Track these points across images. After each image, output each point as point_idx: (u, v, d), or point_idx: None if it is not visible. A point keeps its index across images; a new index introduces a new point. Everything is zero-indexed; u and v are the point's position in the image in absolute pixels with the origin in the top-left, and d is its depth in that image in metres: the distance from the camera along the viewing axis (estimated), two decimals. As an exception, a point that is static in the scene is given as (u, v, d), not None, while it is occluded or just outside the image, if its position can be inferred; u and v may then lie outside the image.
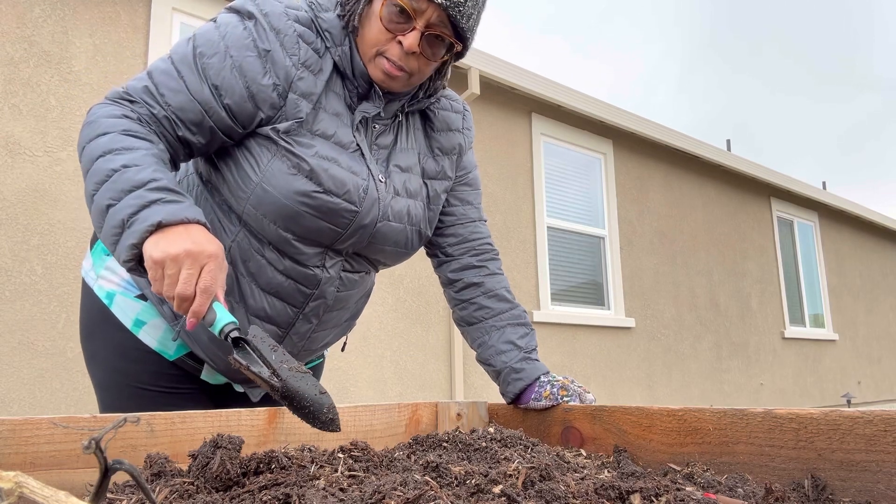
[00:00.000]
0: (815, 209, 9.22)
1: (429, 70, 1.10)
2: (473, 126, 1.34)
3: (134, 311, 1.13)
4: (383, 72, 1.06)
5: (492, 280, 1.28)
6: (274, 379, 0.77)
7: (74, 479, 0.72)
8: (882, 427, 0.69)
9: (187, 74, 1.02)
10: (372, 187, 1.10)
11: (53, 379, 3.14)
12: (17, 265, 3.13)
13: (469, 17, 1.06)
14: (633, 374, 6.08)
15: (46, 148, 3.26)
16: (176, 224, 0.88)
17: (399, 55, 1.05)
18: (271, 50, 1.03)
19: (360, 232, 1.10)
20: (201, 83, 1.02)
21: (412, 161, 1.20)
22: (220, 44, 1.03)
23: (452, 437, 0.96)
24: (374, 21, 1.05)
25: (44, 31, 3.35)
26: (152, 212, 0.87)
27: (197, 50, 1.03)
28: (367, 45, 1.06)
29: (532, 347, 1.22)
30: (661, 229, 6.77)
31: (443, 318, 4.75)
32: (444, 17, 1.04)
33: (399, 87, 1.10)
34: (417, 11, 1.02)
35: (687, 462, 0.86)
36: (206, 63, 1.02)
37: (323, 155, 1.05)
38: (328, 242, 1.09)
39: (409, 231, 1.18)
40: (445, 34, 1.05)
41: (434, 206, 1.24)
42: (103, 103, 1.01)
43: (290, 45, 1.04)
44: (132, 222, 0.87)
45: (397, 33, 1.04)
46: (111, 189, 0.90)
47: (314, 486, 0.64)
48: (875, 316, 10.09)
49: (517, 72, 5.37)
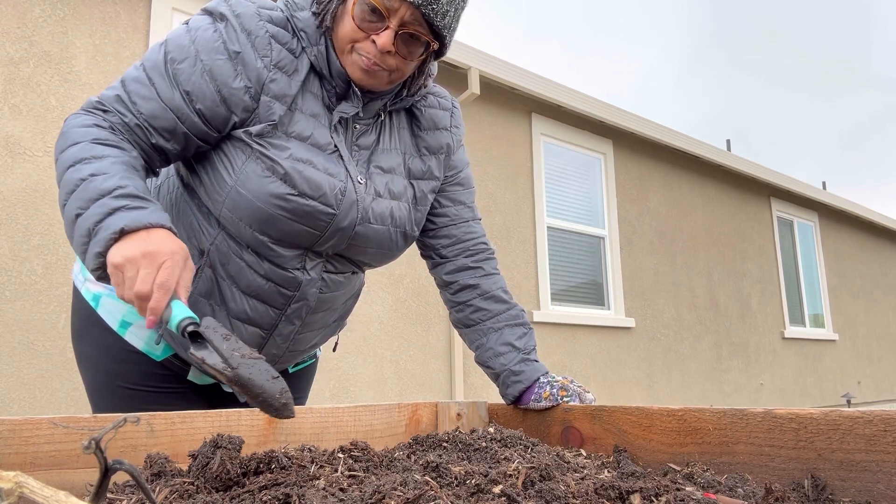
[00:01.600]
0: (815, 209, 9.22)
1: (408, 69, 1.09)
2: (463, 123, 1.32)
3: (120, 313, 1.13)
4: (360, 68, 1.05)
5: (488, 281, 1.27)
6: (226, 368, 0.75)
7: (74, 479, 0.72)
8: (882, 427, 0.69)
9: (158, 81, 1.01)
10: (350, 189, 1.09)
11: (53, 379, 3.14)
12: (17, 265, 3.13)
13: (445, 14, 1.04)
14: (633, 374, 6.07)
15: (46, 148, 3.26)
16: (139, 230, 0.87)
17: (374, 53, 1.03)
18: (241, 52, 1.02)
19: (339, 234, 1.09)
20: (172, 89, 1.01)
21: (395, 161, 1.18)
22: (190, 48, 1.02)
23: (452, 437, 0.96)
24: (347, 19, 1.04)
25: (44, 31, 3.35)
26: (116, 219, 0.87)
27: (168, 56, 1.02)
28: (341, 41, 1.05)
29: (531, 348, 1.22)
30: (661, 229, 6.77)
31: (443, 318, 4.75)
32: (418, 15, 1.02)
33: (379, 85, 1.08)
34: (390, 10, 1.01)
35: (687, 462, 0.86)
36: (176, 69, 1.01)
37: (298, 157, 1.04)
38: (307, 245, 1.09)
39: (392, 233, 1.17)
40: (420, 32, 1.04)
41: (421, 207, 1.22)
42: (77, 113, 1.01)
43: (262, 47, 1.03)
44: (97, 230, 0.87)
45: (370, 32, 1.03)
46: (79, 198, 0.89)
47: (314, 486, 0.64)
48: (875, 316, 10.09)
49: (517, 72, 5.37)
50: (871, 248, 10.42)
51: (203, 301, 1.10)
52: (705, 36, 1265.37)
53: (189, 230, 1.11)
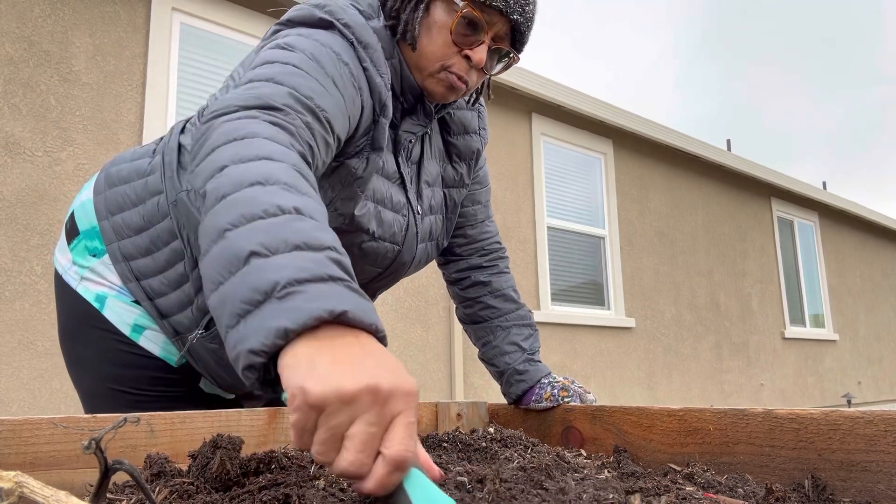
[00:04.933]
0: (816, 209, 9.21)
1: (480, 81, 1.03)
2: (488, 125, 1.27)
3: (131, 316, 1.04)
4: (447, 86, 0.97)
5: (499, 279, 1.26)
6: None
7: (74, 479, 0.72)
8: (882, 427, 0.69)
9: (322, 78, 0.83)
10: (412, 221, 1.04)
11: (53, 379, 3.14)
12: (17, 265, 3.13)
13: (531, 29, 1.00)
14: (633, 374, 6.07)
15: (46, 148, 3.26)
16: (352, 327, 0.52)
17: (464, 69, 0.96)
18: (368, 68, 0.91)
19: (400, 269, 1.05)
20: (335, 89, 0.84)
21: (435, 171, 1.13)
22: (329, 53, 0.86)
23: (452, 437, 0.96)
24: (437, 32, 0.95)
25: (44, 30, 3.35)
26: (335, 293, 0.52)
27: (315, 55, 0.85)
28: (429, 59, 0.96)
29: (535, 349, 1.22)
30: (661, 229, 6.77)
31: (443, 318, 4.75)
32: (510, 29, 0.98)
33: (453, 99, 1.02)
34: (489, 24, 0.95)
35: (687, 462, 0.86)
36: (328, 70, 0.84)
37: (378, 197, 0.96)
38: (364, 281, 1.04)
39: (429, 247, 1.13)
40: (507, 47, 0.99)
41: (451, 216, 1.18)
42: (252, 117, 0.71)
43: (380, 63, 0.92)
44: (292, 293, 0.51)
45: (465, 47, 0.95)
46: (267, 232, 0.55)
47: (314, 487, 0.64)
48: (875, 316, 10.09)
49: (517, 72, 5.37)
50: (872, 248, 10.42)
51: None
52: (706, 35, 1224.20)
53: None
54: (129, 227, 1.05)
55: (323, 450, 0.47)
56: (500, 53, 1.00)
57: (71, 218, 1.11)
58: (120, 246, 1.04)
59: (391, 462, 0.47)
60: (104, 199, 1.08)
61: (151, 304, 1.03)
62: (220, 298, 0.54)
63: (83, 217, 1.09)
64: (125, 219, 1.05)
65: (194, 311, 1.02)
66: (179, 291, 1.02)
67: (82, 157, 3.35)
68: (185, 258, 1.01)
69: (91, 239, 1.07)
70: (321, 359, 0.48)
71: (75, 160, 3.33)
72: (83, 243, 1.08)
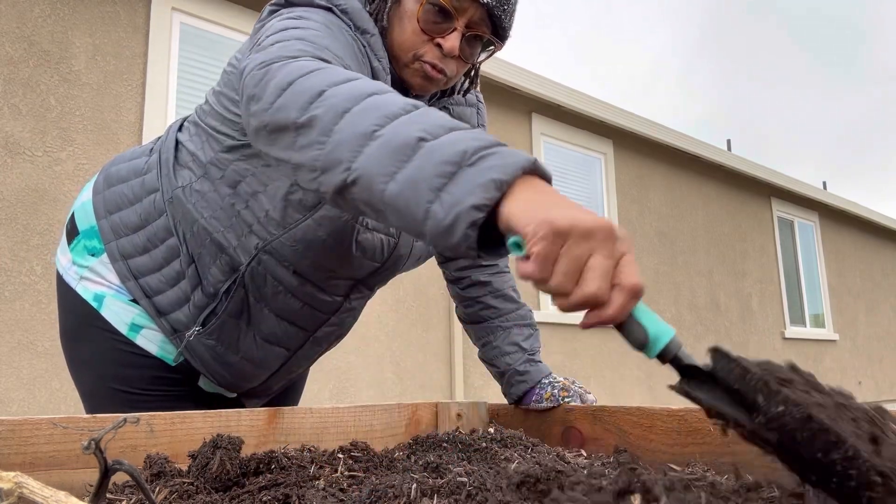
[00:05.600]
0: (816, 209, 9.21)
1: (462, 71, 1.02)
2: (487, 124, 1.25)
3: (129, 316, 1.03)
4: (422, 76, 0.97)
5: (499, 279, 1.26)
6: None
7: (74, 479, 0.72)
8: (883, 427, 0.69)
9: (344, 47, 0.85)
10: None
11: (53, 379, 3.14)
12: (17, 265, 3.13)
13: (511, 14, 0.97)
14: (633, 374, 6.07)
15: (46, 148, 3.26)
16: (541, 178, 0.57)
17: (437, 57, 0.95)
18: (367, 53, 0.92)
19: (397, 262, 1.05)
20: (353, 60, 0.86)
21: None
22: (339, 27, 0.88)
23: (452, 438, 0.96)
24: (407, 21, 0.94)
25: (43, 30, 3.35)
26: (516, 152, 0.57)
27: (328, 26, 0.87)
28: (402, 49, 0.96)
29: (536, 349, 1.22)
30: (661, 229, 6.77)
31: (443, 318, 4.75)
32: (485, 15, 0.95)
33: (433, 90, 1.01)
34: (459, 10, 0.93)
35: (688, 462, 0.86)
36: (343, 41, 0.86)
37: None
38: (362, 276, 1.04)
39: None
40: (485, 33, 0.97)
41: None
42: (307, 59, 0.74)
43: (378, 48, 0.93)
44: (484, 156, 0.56)
45: (435, 35, 0.94)
46: (418, 122, 0.60)
47: (314, 487, 0.63)
48: (876, 316, 10.09)
49: (517, 72, 5.37)
50: (872, 248, 10.41)
51: (232, 321, 1.02)
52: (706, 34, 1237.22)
53: (216, 245, 0.99)
54: (126, 226, 1.05)
55: (564, 280, 0.53)
56: (478, 40, 0.98)
57: (71, 219, 1.12)
58: (118, 244, 1.05)
59: (630, 290, 0.53)
60: (103, 198, 1.08)
61: (149, 302, 1.03)
62: (404, 183, 0.58)
63: (83, 217, 1.10)
64: (123, 217, 1.05)
65: (191, 308, 1.03)
66: (176, 288, 1.03)
67: (82, 157, 3.35)
68: (181, 255, 1.02)
69: (90, 238, 1.07)
70: (547, 199, 0.54)
71: (75, 160, 3.33)
72: (82, 243, 1.08)
